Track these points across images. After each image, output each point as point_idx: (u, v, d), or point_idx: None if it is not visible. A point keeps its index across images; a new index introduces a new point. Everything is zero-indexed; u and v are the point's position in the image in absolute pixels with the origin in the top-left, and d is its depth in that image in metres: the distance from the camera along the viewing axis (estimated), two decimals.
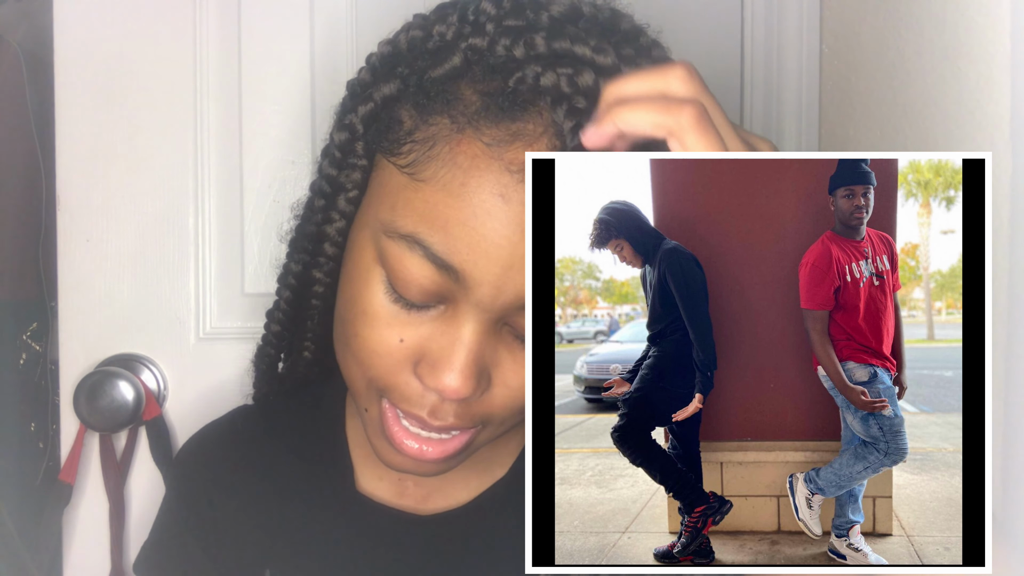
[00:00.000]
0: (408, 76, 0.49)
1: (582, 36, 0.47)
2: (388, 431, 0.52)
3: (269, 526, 0.62)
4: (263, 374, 0.66)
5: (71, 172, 0.89)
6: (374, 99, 0.50)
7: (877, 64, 0.77)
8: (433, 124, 0.47)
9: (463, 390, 0.48)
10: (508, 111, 0.46)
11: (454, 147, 0.46)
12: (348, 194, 0.52)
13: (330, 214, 0.53)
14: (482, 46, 0.47)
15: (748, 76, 0.90)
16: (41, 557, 0.91)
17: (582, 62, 0.46)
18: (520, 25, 0.47)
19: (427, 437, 0.52)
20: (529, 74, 0.46)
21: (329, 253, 0.55)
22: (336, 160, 0.53)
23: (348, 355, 0.52)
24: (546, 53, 0.46)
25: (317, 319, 0.60)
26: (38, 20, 1.02)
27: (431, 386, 0.49)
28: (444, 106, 0.47)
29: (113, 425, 0.86)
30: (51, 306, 1.00)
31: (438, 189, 0.46)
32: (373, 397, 0.52)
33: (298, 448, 0.64)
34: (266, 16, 0.89)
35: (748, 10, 0.90)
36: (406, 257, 0.47)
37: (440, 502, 0.63)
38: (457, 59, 0.47)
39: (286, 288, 0.60)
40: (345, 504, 0.62)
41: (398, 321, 0.49)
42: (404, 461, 0.53)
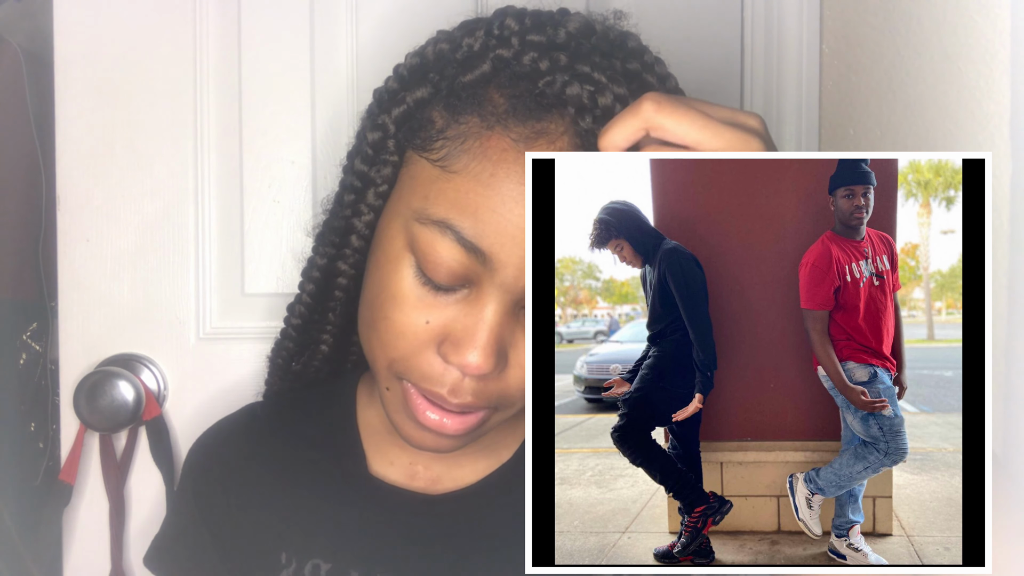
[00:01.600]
0: (439, 82, 0.54)
1: (600, 64, 0.52)
2: (411, 404, 0.55)
3: (284, 511, 0.65)
4: (278, 368, 0.70)
5: (71, 172, 0.89)
6: (407, 102, 0.55)
7: (877, 64, 0.77)
8: (464, 123, 0.52)
9: (484, 366, 0.52)
10: (534, 112, 0.51)
11: (484, 143, 0.51)
12: (378, 188, 0.57)
13: (359, 207, 0.58)
14: (508, 56, 0.52)
15: (748, 76, 0.90)
16: (41, 557, 0.91)
17: (600, 84, 0.52)
18: (542, 41, 0.53)
19: (448, 412, 0.55)
20: (558, 80, 0.51)
21: (356, 245, 0.59)
22: (368, 157, 0.57)
23: (374, 337, 0.56)
24: (567, 67, 0.52)
25: (339, 310, 0.65)
26: (38, 20, 1.02)
27: (455, 363, 0.53)
28: (475, 107, 0.52)
29: (113, 425, 0.86)
30: (51, 306, 1.00)
31: (469, 179, 0.51)
32: (394, 378, 0.56)
33: (311, 437, 0.67)
34: (266, 16, 0.89)
35: (748, 10, 0.90)
36: (437, 241, 0.51)
37: (449, 484, 0.65)
38: (487, 66, 0.52)
39: (309, 281, 0.64)
40: (358, 487, 0.65)
41: (424, 304, 0.53)
42: (424, 436, 0.56)
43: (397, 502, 0.64)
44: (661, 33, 0.90)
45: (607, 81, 0.52)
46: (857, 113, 0.81)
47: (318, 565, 0.63)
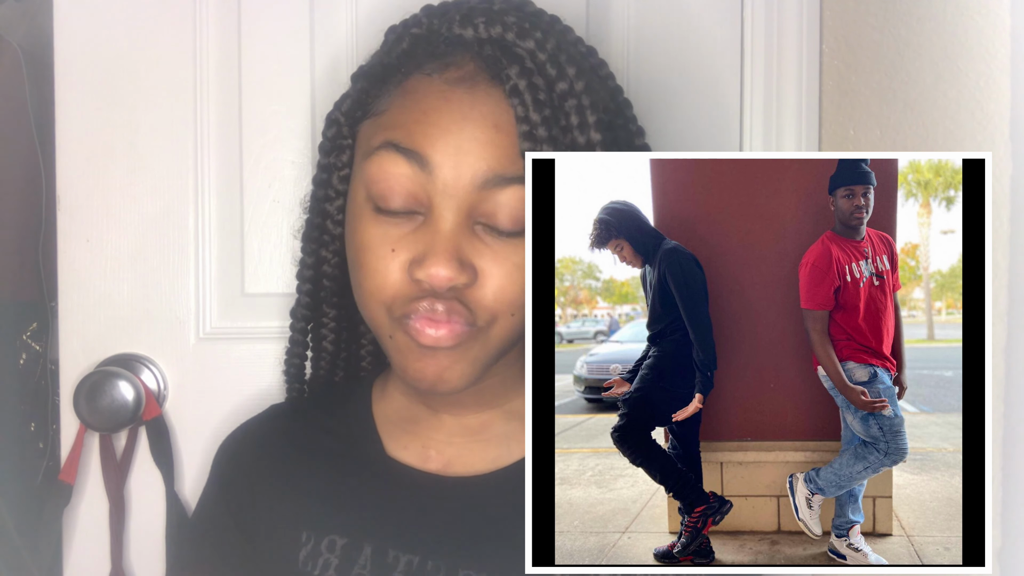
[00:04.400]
0: (372, 70, 0.64)
1: (510, 25, 0.60)
2: (411, 333, 0.59)
3: (306, 495, 0.68)
4: (293, 377, 0.75)
5: (71, 172, 0.89)
6: (351, 95, 0.64)
7: (877, 64, 0.77)
8: (388, 82, 0.62)
9: (448, 272, 0.56)
10: (438, 48, 0.60)
11: (403, 84, 0.60)
12: (340, 172, 0.65)
13: (328, 193, 0.66)
14: (419, 33, 0.62)
15: (748, 76, 0.90)
16: (41, 557, 0.91)
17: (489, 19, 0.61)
18: (448, 13, 0.62)
19: (439, 323, 0.58)
20: (455, 24, 0.60)
21: (333, 232, 0.67)
22: (327, 149, 0.65)
23: (363, 295, 0.61)
24: (464, 19, 0.61)
25: (332, 302, 0.71)
26: (38, 20, 1.02)
27: (422, 278, 0.57)
28: (396, 70, 0.61)
29: (113, 425, 0.86)
30: (51, 306, 1.00)
31: (395, 109, 0.60)
32: (392, 323, 0.60)
33: (331, 428, 0.71)
34: (266, 16, 0.89)
35: (748, 10, 0.90)
36: (383, 160, 0.58)
37: (460, 469, 0.67)
38: (405, 43, 0.62)
39: (304, 281, 0.70)
40: (374, 468, 0.68)
41: (388, 237, 0.59)
42: (426, 366, 0.59)
43: (411, 482, 0.66)
44: (661, 33, 0.90)
45: (515, 38, 0.59)
46: (857, 113, 0.81)
47: (334, 540, 0.65)
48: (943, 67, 0.66)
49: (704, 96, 0.90)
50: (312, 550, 0.65)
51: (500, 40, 0.60)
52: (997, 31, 0.59)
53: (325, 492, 0.67)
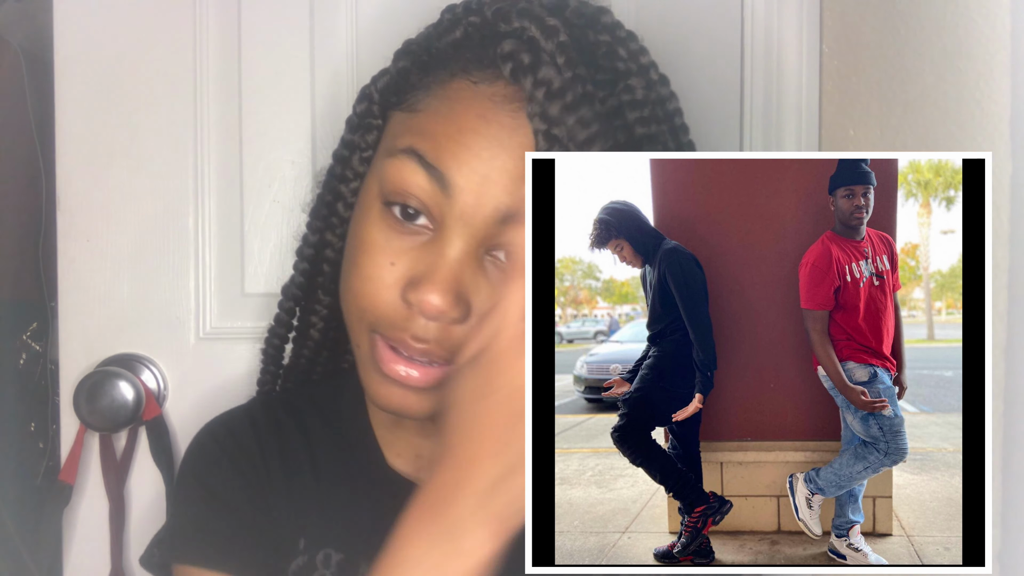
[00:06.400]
0: (419, 52, 0.59)
1: (548, 29, 0.55)
2: (377, 356, 0.56)
3: (302, 500, 0.66)
4: (271, 359, 0.72)
5: (71, 172, 0.89)
6: (390, 72, 0.60)
7: (877, 64, 0.77)
8: (432, 75, 0.57)
9: (442, 305, 0.53)
10: (493, 61, 0.55)
11: (447, 85, 0.56)
12: (363, 154, 0.61)
13: (345, 174, 0.62)
14: (478, 22, 0.57)
15: (748, 76, 0.90)
16: (41, 557, 0.90)
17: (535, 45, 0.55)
18: (510, 10, 0.56)
19: (412, 362, 0.56)
20: (506, 39, 0.55)
21: (342, 214, 0.62)
22: (354, 125, 0.61)
23: (346, 291, 0.58)
24: (520, 30, 0.56)
25: (328, 287, 0.66)
26: (38, 20, 1.02)
27: (414, 302, 0.54)
28: (443, 64, 0.57)
29: (113, 425, 0.86)
30: (51, 306, 1.00)
31: (431, 114, 0.56)
32: (364, 331, 0.57)
33: (326, 427, 0.68)
34: (266, 16, 0.89)
35: (748, 10, 0.90)
36: (403, 166, 0.55)
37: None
38: (459, 32, 0.57)
39: (303, 260, 0.67)
40: (371, 476, 0.66)
41: (390, 247, 0.55)
42: (391, 391, 0.56)
43: (406, 491, 0.65)
44: (661, 33, 0.90)
45: (543, 39, 0.54)
46: (857, 113, 0.81)
47: (329, 554, 0.64)
48: (943, 67, 0.66)
49: (704, 96, 0.90)
50: (307, 562, 0.64)
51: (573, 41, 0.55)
52: (997, 31, 0.59)
53: (324, 498, 0.66)
